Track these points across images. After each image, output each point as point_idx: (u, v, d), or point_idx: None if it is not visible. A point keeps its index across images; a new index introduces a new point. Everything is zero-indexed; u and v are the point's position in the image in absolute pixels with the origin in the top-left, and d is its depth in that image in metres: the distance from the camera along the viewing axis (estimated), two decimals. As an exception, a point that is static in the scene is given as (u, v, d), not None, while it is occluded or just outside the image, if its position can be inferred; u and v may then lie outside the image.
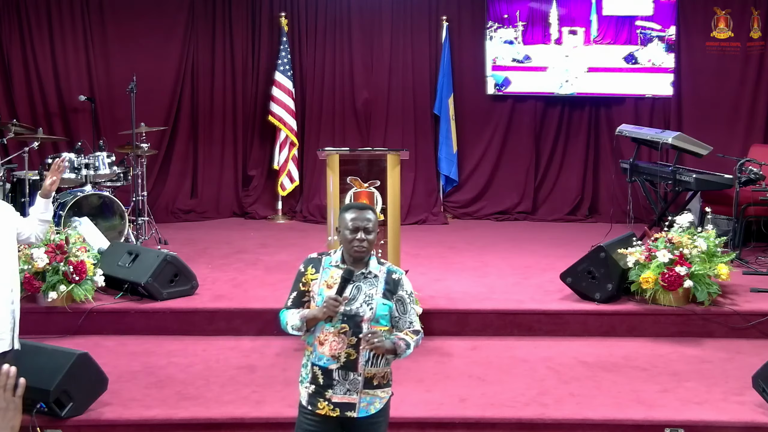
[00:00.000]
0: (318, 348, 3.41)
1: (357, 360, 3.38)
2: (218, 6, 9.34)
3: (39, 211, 4.33)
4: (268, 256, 7.69)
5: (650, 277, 6.00)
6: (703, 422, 4.63)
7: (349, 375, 3.38)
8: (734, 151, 8.38)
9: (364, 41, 9.52)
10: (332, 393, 3.39)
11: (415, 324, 3.53)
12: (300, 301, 3.50)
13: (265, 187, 9.60)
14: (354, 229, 3.41)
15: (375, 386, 3.43)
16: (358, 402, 3.39)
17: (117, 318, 6.09)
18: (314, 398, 3.43)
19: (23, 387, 2.40)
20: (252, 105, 9.51)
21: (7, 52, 8.96)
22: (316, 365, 3.42)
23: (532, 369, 5.39)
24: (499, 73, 9.45)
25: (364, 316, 3.38)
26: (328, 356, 3.39)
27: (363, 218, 3.42)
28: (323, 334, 3.40)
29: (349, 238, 3.41)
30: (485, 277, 6.99)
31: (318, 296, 3.43)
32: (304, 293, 3.49)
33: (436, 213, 9.51)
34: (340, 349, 3.38)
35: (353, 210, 3.47)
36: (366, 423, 3.42)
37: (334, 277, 3.42)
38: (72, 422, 4.61)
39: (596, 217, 9.52)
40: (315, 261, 3.54)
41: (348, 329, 3.37)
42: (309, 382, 3.45)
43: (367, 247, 3.42)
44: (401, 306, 3.48)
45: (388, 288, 3.44)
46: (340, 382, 3.39)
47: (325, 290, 3.42)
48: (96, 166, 7.66)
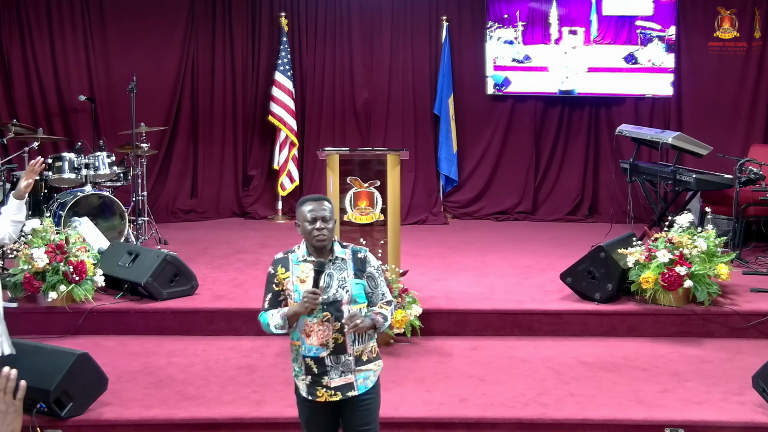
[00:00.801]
0: (306, 340, 3.55)
1: (345, 342, 3.54)
2: (218, 6, 9.34)
3: (11, 212, 4.32)
4: (268, 256, 7.59)
5: (650, 277, 6.00)
6: (703, 422, 4.63)
7: (341, 358, 3.54)
8: (734, 151, 8.39)
9: (364, 41, 9.52)
10: (329, 379, 3.54)
11: (386, 295, 3.68)
12: (277, 301, 3.64)
13: (265, 187, 9.60)
14: (312, 220, 3.55)
15: (366, 361, 3.60)
16: (354, 380, 3.56)
17: (117, 318, 6.09)
18: (313, 388, 3.56)
19: (23, 390, 2.40)
20: (252, 105, 9.52)
21: (7, 52, 8.97)
22: (307, 357, 3.55)
23: (532, 369, 5.39)
24: (499, 73, 9.45)
25: (342, 300, 3.54)
26: (317, 345, 3.53)
27: (320, 208, 3.57)
28: (308, 326, 3.54)
29: (309, 228, 3.56)
30: (485, 277, 6.99)
31: (294, 292, 3.57)
32: (279, 293, 3.63)
33: (436, 213, 9.51)
34: (327, 336, 3.53)
35: (309, 202, 3.62)
36: (362, 401, 3.58)
37: (305, 272, 3.58)
38: (72, 422, 4.62)
39: (596, 217, 9.52)
40: (283, 260, 3.68)
41: (330, 316, 3.52)
42: (304, 374, 3.58)
43: (327, 235, 3.56)
44: (372, 281, 3.63)
45: (358, 268, 3.60)
46: (334, 367, 3.54)
47: (300, 285, 3.57)
48: (96, 166, 7.67)
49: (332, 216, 3.60)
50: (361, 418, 3.59)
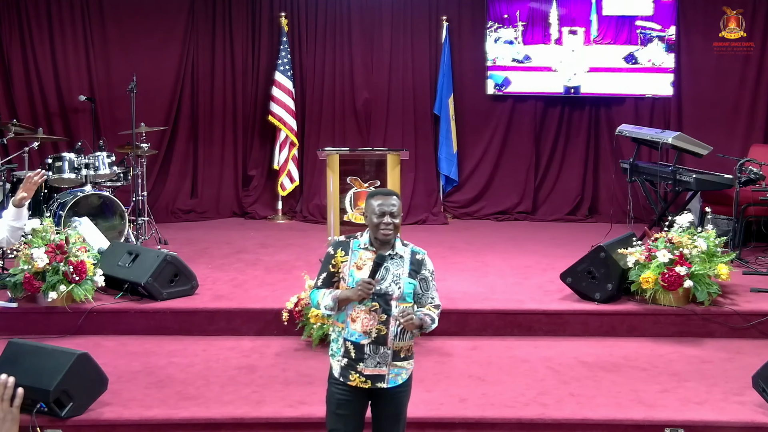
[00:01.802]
0: (350, 325, 3.68)
1: (387, 335, 3.66)
2: (218, 6, 9.34)
3: (10, 217, 4.32)
4: (268, 256, 7.69)
5: (650, 277, 6.00)
6: (703, 422, 4.63)
7: (380, 349, 3.66)
8: (734, 151, 8.38)
9: (364, 41, 9.52)
10: (363, 366, 3.66)
11: (435, 299, 3.79)
12: (330, 281, 3.75)
13: (265, 187, 9.60)
14: (381, 214, 3.67)
15: (402, 358, 3.71)
16: (387, 373, 3.68)
17: (117, 318, 6.09)
18: (346, 371, 3.68)
19: (21, 397, 2.40)
20: (252, 105, 9.52)
21: (7, 52, 8.97)
22: (348, 340, 3.68)
23: (532, 369, 5.39)
24: (499, 73, 9.45)
25: (393, 295, 3.66)
26: (360, 332, 3.66)
27: (389, 204, 3.68)
28: (355, 311, 3.67)
29: (376, 222, 3.67)
30: (485, 277, 6.99)
31: (348, 277, 3.70)
32: (334, 274, 3.75)
33: (436, 213, 9.51)
34: (371, 325, 3.65)
35: (379, 196, 3.73)
36: (393, 393, 3.70)
37: (363, 259, 3.70)
38: (72, 422, 4.61)
39: (596, 217, 9.52)
40: (344, 244, 3.77)
41: (378, 307, 3.65)
42: (341, 355, 3.70)
43: (393, 231, 3.69)
44: (425, 284, 3.75)
45: (413, 268, 3.72)
46: (371, 356, 3.66)
47: (355, 271, 3.69)
48: (96, 166, 7.67)
49: (399, 212, 3.73)
50: (392, 408, 3.73)
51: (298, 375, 5.25)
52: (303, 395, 4.92)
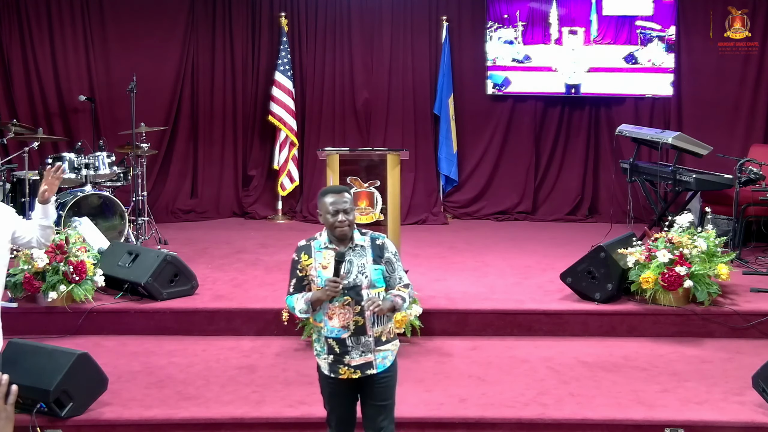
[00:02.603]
0: (328, 322, 3.78)
1: (365, 325, 3.76)
2: (218, 6, 9.34)
3: (38, 216, 4.30)
4: (268, 256, 7.69)
5: (650, 277, 6.00)
6: (703, 422, 4.63)
7: (361, 339, 3.76)
8: (734, 151, 8.38)
9: (364, 41, 9.51)
10: (350, 358, 3.77)
11: (404, 279, 3.89)
12: (301, 286, 3.84)
13: (265, 187, 9.60)
14: (335, 212, 3.73)
15: (384, 342, 3.82)
16: (374, 359, 3.78)
17: (117, 318, 6.09)
18: (335, 366, 3.80)
19: (15, 395, 2.39)
20: (252, 105, 9.52)
21: (7, 52, 8.97)
22: (329, 338, 3.78)
23: (532, 369, 5.39)
24: (499, 73, 9.45)
25: (362, 285, 3.75)
26: (339, 327, 3.76)
27: (341, 201, 3.75)
28: (330, 309, 3.76)
29: (331, 221, 3.74)
30: (485, 277, 6.99)
31: (317, 278, 3.78)
32: (303, 278, 3.83)
33: (436, 213, 9.51)
34: (348, 319, 3.75)
35: (331, 194, 3.79)
36: (380, 379, 3.80)
37: (327, 258, 3.78)
38: (72, 422, 4.62)
39: (596, 217, 9.52)
40: (306, 247, 3.85)
41: (351, 300, 3.74)
42: (326, 353, 3.82)
43: (348, 226, 3.76)
44: (390, 266, 3.84)
45: (377, 254, 3.81)
46: (354, 347, 3.76)
47: (322, 271, 3.77)
48: (96, 166, 7.67)
49: (353, 207, 3.79)
50: (380, 394, 3.82)
51: (298, 375, 5.25)
52: (303, 395, 4.92)
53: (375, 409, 3.84)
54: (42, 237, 4.32)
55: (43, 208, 4.27)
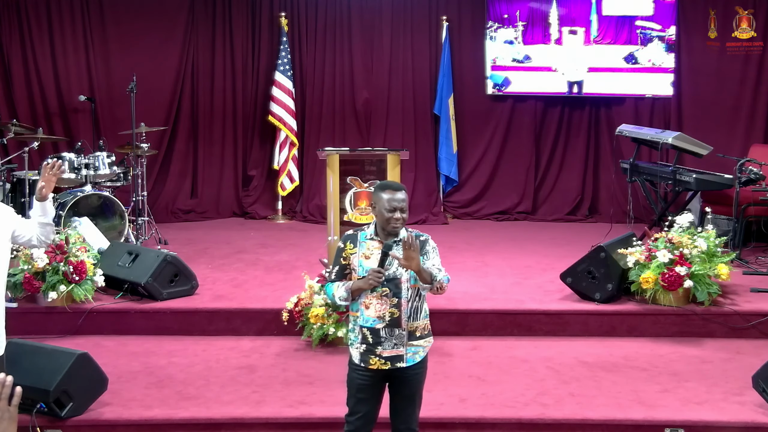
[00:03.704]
0: (365, 312, 3.84)
1: (400, 317, 3.82)
2: (218, 6, 9.34)
3: (37, 214, 4.28)
4: (268, 256, 7.69)
5: (650, 277, 6.00)
6: (703, 422, 4.63)
7: (395, 331, 3.81)
8: (734, 151, 8.38)
9: (364, 41, 9.51)
10: (381, 349, 3.81)
11: (441, 269, 3.88)
12: (342, 274, 3.92)
13: (265, 187, 9.60)
14: (392, 209, 3.80)
15: (417, 337, 3.86)
16: (405, 353, 3.83)
17: (117, 318, 6.09)
18: (366, 356, 3.83)
19: (19, 396, 2.39)
20: (252, 105, 9.52)
21: (7, 52, 8.97)
22: (364, 327, 3.83)
23: (532, 369, 5.39)
24: (499, 73, 9.45)
25: (401, 278, 3.82)
26: (374, 317, 3.82)
27: (399, 199, 3.81)
28: (368, 299, 3.83)
29: (387, 216, 3.81)
30: (485, 277, 6.99)
31: (358, 267, 3.86)
32: (346, 266, 3.91)
33: (436, 213, 9.51)
34: (384, 310, 3.81)
35: (389, 191, 3.84)
36: (410, 374, 3.85)
37: (370, 249, 3.86)
38: (72, 422, 4.62)
39: (596, 217, 9.52)
40: (352, 237, 3.94)
41: (389, 291, 3.81)
42: (359, 342, 3.85)
43: (401, 224, 3.84)
44: (426, 256, 3.87)
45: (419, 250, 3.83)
46: (387, 339, 3.81)
47: (364, 261, 3.84)
48: (96, 166, 7.66)
49: (407, 206, 3.86)
50: (409, 387, 3.88)
51: (298, 375, 5.25)
52: (303, 395, 4.92)
53: (403, 402, 3.89)
54: (42, 235, 4.28)
55: (41, 205, 4.24)
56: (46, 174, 4.21)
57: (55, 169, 4.23)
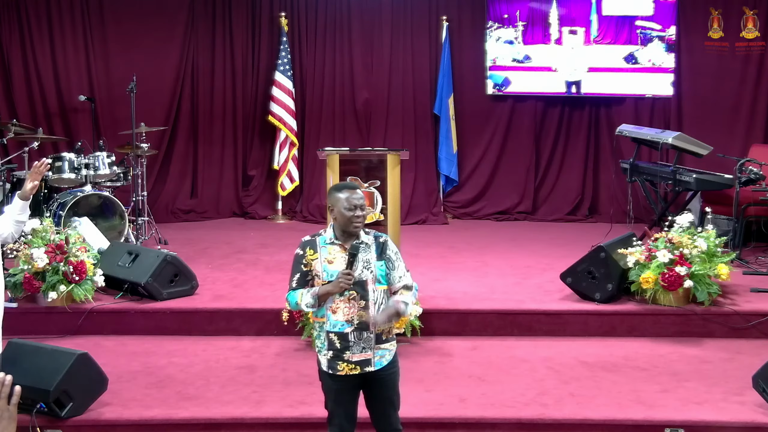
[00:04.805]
0: (332, 317, 3.81)
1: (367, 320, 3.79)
2: (218, 6, 9.34)
3: (15, 212, 4.33)
4: (268, 256, 7.69)
5: (650, 277, 6.00)
6: (703, 422, 4.63)
7: (363, 334, 3.80)
8: (734, 151, 8.38)
9: (364, 41, 9.51)
10: (350, 353, 3.79)
11: (404, 278, 3.92)
12: (304, 281, 3.87)
13: (265, 187, 9.60)
14: (352, 207, 3.80)
15: (384, 341, 3.86)
16: (372, 357, 3.82)
17: (117, 318, 6.09)
18: (334, 362, 3.81)
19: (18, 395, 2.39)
20: (252, 105, 9.51)
21: (7, 52, 8.96)
22: (332, 332, 3.81)
23: (532, 369, 5.39)
24: (499, 73, 9.45)
25: (367, 280, 3.81)
26: (343, 321, 3.79)
27: (357, 197, 3.83)
28: (335, 303, 3.80)
29: (348, 216, 3.80)
30: (485, 277, 6.99)
31: (323, 272, 3.81)
32: (307, 273, 3.86)
33: (436, 213, 9.51)
34: (352, 313, 3.79)
35: (346, 190, 3.86)
36: (383, 375, 3.85)
37: (332, 253, 3.83)
38: (72, 422, 4.62)
39: (596, 217, 9.52)
40: (311, 242, 3.89)
41: (356, 294, 3.79)
42: (327, 349, 3.83)
43: (362, 222, 3.85)
44: (390, 264, 3.89)
45: (380, 251, 3.88)
46: (356, 343, 3.80)
47: (328, 266, 3.81)
48: (96, 166, 7.67)
49: (365, 204, 3.88)
50: (386, 389, 3.88)
51: (298, 375, 5.25)
52: (303, 395, 4.92)
53: (383, 405, 3.89)
54: (15, 232, 4.41)
55: (23, 204, 4.33)
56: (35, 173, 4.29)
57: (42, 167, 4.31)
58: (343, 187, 3.89)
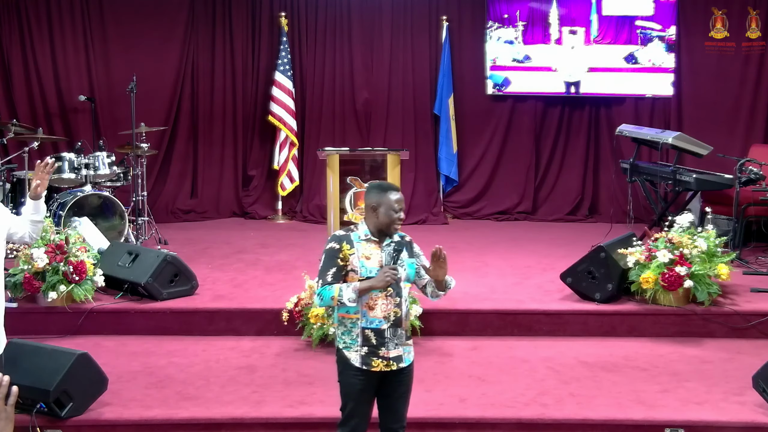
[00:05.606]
0: (369, 313, 3.82)
1: (401, 317, 3.87)
2: (218, 6, 9.34)
3: (29, 212, 4.34)
4: (268, 256, 7.69)
5: (650, 277, 6.00)
6: (703, 422, 4.63)
7: (397, 331, 3.85)
8: (734, 151, 8.38)
9: (364, 41, 9.51)
10: (385, 350, 3.81)
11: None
12: (339, 275, 3.82)
13: (265, 187, 9.60)
14: (399, 210, 3.87)
15: (408, 337, 3.93)
16: (404, 353, 3.87)
17: (117, 318, 6.09)
18: (368, 358, 3.81)
19: (15, 396, 2.39)
20: (252, 105, 9.52)
21: (7, 52, 8.96)
22: (367, 329, 3.81)
23: (532, 369, 5.39)
24: (499, 73, 9.45)
25: (401, 277, 3.88)
26: (381, 318, 3.82)
27: (402, 200, 3.92)
28: (372, 299, 3.81)
29: (395, 217, 3.85)
30: (485, 277, 6.99)
31: (360, 267, 3.81)
32: (343, 267, 3.82)
33: (436, 213, 9.51)
34: (389, 309, 3.83)
35: (394, 191, 3.90)
36: (406, 372, 3.89)
37: (369, 250, 3.84)
38: (72, 422, 4.62)
39: (596, 217, 9.52)
40: (345, 237, 3.89)
41: (392, 291, 3.84)
42: (360, 345, 3.82)
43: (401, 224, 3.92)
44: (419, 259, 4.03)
45: (409, 250, 3.97)
46: (391, 339, 3.82)
47: (365, 262, 3.82)
48: (96, 166, 7.66)
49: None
50: (405, 385, 3.91)
51: (298, 375, 5.25)
52: (303, 395, 4.92)
53: (399, 401, 3.90)
54: (33, 232, 4.38)
55: (34, 203, 4.32)
56: (39, 172, 4.28)
57: (48, 167, 4.30)
58: (389, 188, 3.91)
